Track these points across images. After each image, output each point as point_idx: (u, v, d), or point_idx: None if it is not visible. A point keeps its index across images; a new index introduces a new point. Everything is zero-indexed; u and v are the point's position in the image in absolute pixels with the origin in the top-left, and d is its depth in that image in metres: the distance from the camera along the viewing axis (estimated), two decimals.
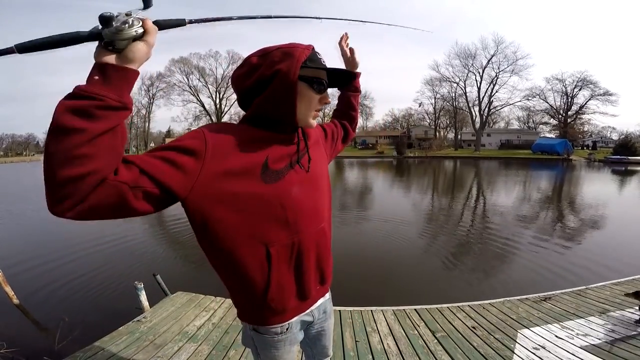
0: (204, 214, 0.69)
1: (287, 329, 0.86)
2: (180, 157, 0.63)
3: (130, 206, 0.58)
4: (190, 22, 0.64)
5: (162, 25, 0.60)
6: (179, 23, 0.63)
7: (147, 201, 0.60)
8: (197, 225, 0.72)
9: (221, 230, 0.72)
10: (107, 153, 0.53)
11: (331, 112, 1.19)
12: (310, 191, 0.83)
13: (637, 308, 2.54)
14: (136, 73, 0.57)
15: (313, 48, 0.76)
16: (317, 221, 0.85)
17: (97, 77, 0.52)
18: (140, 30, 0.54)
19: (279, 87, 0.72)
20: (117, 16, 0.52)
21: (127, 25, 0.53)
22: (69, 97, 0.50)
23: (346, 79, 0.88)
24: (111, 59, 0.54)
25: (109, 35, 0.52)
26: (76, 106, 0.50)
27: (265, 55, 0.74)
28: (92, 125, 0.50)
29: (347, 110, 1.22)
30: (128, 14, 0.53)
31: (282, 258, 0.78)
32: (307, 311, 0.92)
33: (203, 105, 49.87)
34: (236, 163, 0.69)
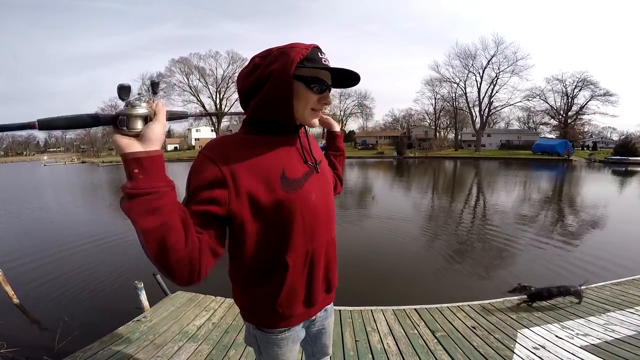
0: (234, 226, 0.74)
1: (290, 327, 0.89)
2: (209, 192, 0.67)
3: (219, 251, 0.70)
4: (191, 115, 0.77)
5: (167, 116, 0.65)
6: (182, 116, 0.74)
7: (222, 239, 0.71)
8: (229, 236, 0.78)
9: (246, 241, 0.76)
10: (186, 229, 0.60)
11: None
12: (324, 198, 0.86)
13: (520, 300, 2.90)
14: (162, 154, 0.60)
15: (316, 47, 0.74)
16: (329, 230, 0.88)
17: (137, 171, 0.56)
18: (151, 111, 0.60)
19: (272, 87, 0.71)
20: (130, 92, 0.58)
21: (139, 102, 0.58)
22: (128, 198, 0.55)
23: (352, 79, 0.80)
24: (137, 146, 0.57)
25: (125, 111, 0.57)
26: (144, 208, 0.55)
27: (266, 55, 0.74)
28: (164, 216, 0.57)
29: (332, 169, 1.16)
30: (140, 94, 0.59)
31: (297, 267, 0.80)
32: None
33: (203, 106, 49.73)
34: (255, 178, 0.71)
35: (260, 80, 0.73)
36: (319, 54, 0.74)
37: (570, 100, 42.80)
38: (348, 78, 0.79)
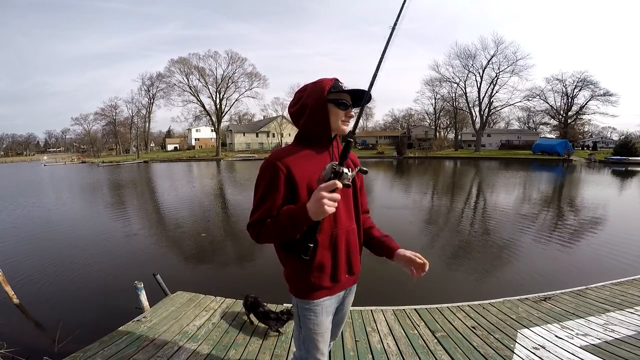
0: None
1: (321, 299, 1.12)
2: (279, 191, 1.02)
3: None
4: None
5: None
6: None
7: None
8: None
9: None
10: None
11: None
12: (345, 195, 1.11)
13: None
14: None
15: (336, 79, 1.08)
16: (349, 220, 1.15)
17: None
18: None
19: (316, 109, 1.05)
20: None
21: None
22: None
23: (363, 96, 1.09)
24: None
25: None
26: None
27: (304, 89, 1.10)
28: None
29: (371, 242, 1.30)
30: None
31: (324, 244, 1.08)
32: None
33: (203, 106, 49.63)
34: (302, 180, 1.03)
35: (303, 107, 1.08)
36: (339, 82, 1.08)
37: (570, 100, 42.77)
38: (362, 97, 1.07)
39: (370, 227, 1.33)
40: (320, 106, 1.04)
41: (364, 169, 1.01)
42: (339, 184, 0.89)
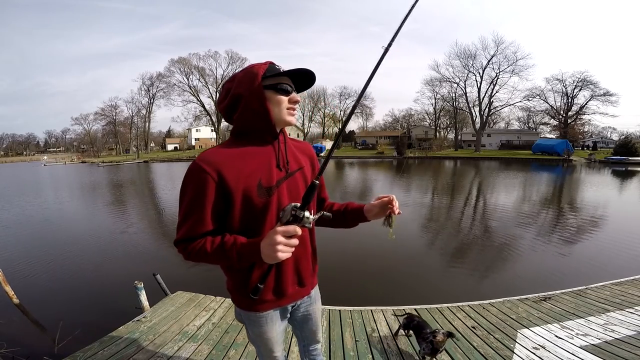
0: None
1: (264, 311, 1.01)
2: (208, 202, 0.86)
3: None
4: None
5: None
6: None
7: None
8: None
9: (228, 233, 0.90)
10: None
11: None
12: (295, 194, 0.97)
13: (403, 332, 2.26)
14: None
15: (271, 62, 0.91)
16: None
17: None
18: None
19: (250, 99, 0.88)
20: None
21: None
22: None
23: (309, 79, 0.96)
24: None
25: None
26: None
27: (233, 79, 0.92)
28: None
29: (335, 220, 1.10)
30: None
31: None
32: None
33: (203, 106, 49.75)
34: (237, 187, 0.87)
35: (234, 98, 0.90)
36: (275, 66, 0.91)
37: (570, 100, 42.73)
38: (306, 79, 0.95)
39: (331, 204, 1.18)
40: (256, 94, 0.87)
41: (328, 213, 0.89)
42: (299, 231, 0.78)
